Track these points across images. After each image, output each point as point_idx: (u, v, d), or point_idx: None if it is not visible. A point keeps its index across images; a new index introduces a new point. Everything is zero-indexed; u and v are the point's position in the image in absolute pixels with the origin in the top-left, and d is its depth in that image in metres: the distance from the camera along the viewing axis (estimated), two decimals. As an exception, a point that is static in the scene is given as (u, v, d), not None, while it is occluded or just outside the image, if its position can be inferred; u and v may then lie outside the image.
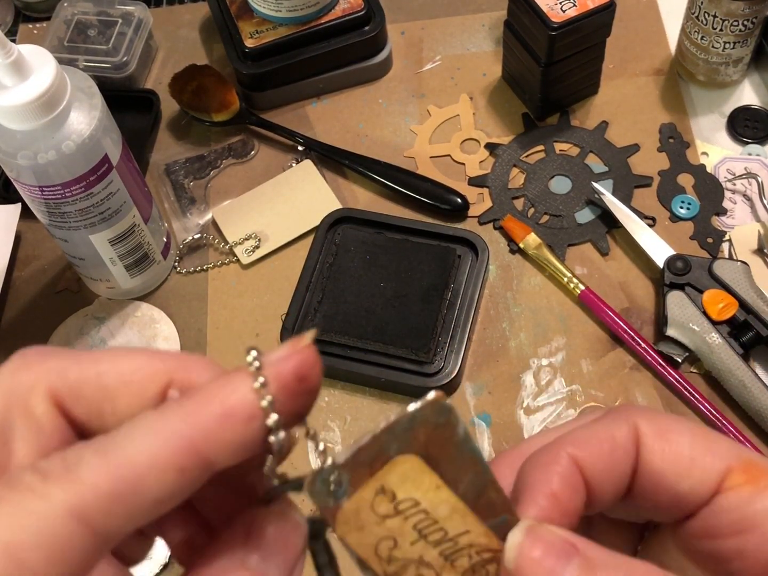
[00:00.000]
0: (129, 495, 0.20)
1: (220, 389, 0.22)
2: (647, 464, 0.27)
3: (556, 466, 0.26)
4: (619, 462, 0.27)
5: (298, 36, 0.76)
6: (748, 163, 0.73)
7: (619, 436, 0.27)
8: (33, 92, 0.53)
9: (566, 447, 0.27)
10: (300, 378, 0.26)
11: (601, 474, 0.27)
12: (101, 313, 0.70)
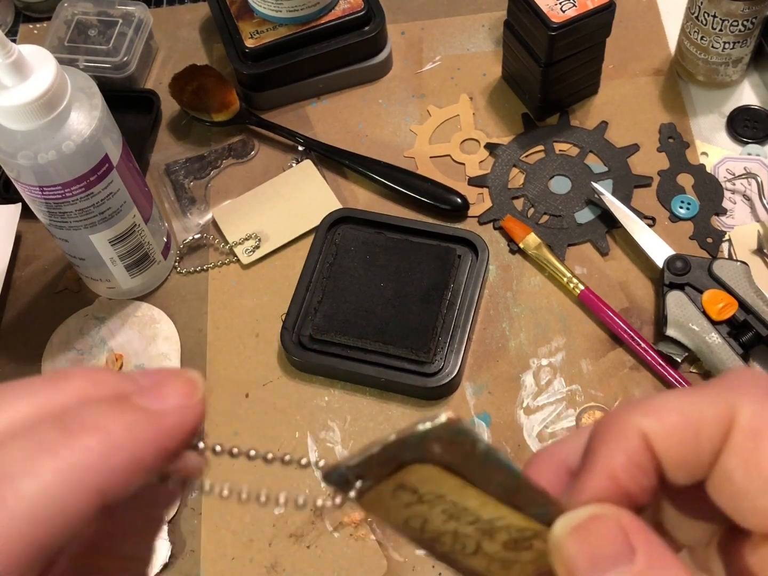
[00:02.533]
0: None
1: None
2: (727, 459, 0.22)
3: (621, 440, 0.23)
4: (701, 449, 0.23)
5: (298, 36, 0.77)
6: (748, 163, 0.73)
7: (707, 416, 0.22)
8: (33, 92, 0.53)
9: (638, 417, 0.23)
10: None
11: (675, 457, 0.23)
12: (101, 313, 0.70)
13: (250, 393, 0.66)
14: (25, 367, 0.69)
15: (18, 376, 0.73)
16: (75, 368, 0.24)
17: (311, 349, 0.65)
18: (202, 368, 0.67)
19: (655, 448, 0.23)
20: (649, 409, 0.23)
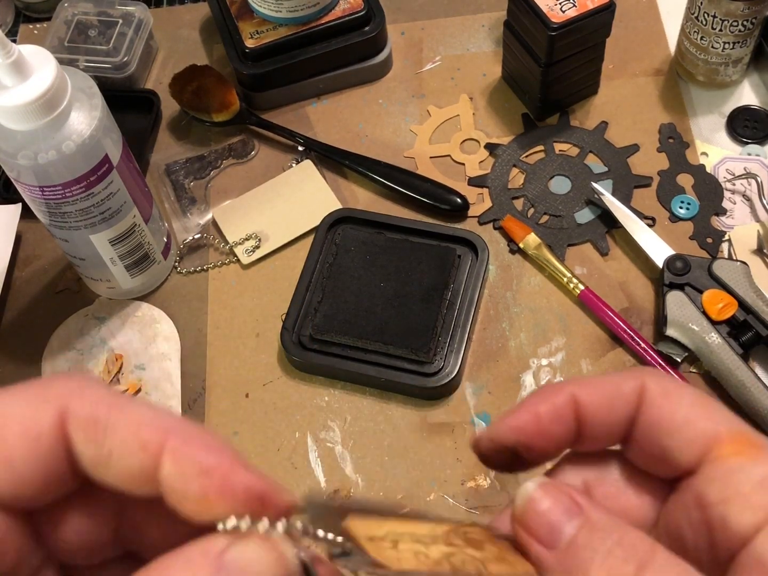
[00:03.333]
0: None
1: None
2: (645, 417, 0.28)
3: (552, 395, 0.28)
4: (618, 408, 0.28)
5: (299, 36, 0.77)
6: (748, 163, 0.73)
7: (624, 387, 0.28)
8: (33, 92, 0.53)
9: (569, 385, 0.28)
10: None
11: (597, 415, 0.28)
12: (102, 313, 0.70)
13: (250, 393, 0.66)
14: (25, 367, 0.69)
15: (18, 376, 0.73)
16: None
17: (311, 349, 0.65)
18: (202, 368, 0.67)
19: (581, 407, 0.28)
20: (579, 382, 0.28)
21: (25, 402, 0.22)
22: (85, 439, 0.22)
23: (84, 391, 0.23)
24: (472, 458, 0.62)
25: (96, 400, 0.22)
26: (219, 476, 0.22)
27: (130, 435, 0.22)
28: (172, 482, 0.22)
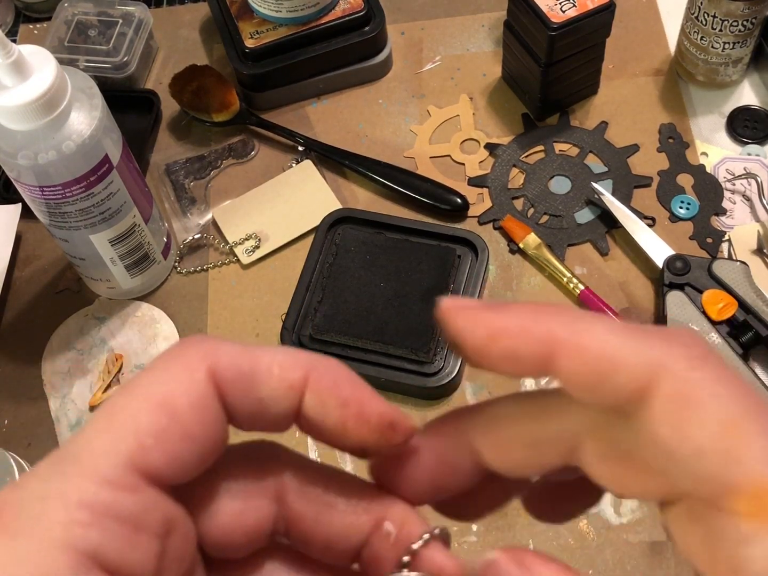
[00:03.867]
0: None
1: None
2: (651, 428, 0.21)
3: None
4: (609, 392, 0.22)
5: (299, 36, 0.77)
6: (748, 163, 0.73)
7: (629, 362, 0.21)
8: (33, 92, 0.53)
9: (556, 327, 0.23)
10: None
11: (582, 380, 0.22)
12: (102, 313, 0.70)
13: (250, 393, 0.66)
14: (25, 367, 0.69)
15: (18, 376, 0.73)
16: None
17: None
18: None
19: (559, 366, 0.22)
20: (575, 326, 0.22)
21: (178, 374, 0.22)
22: (239, 394, 0.23)
23: (220, 349, 0.23)
24: (472, 458, 0.62)
25: (235, 354, 0.23)
26: (355, 406, 0.23)
27: (277, 379, 0.23)
28: (314, 414, 0.23)
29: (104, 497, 0.21)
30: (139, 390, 0.22)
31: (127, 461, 0.21)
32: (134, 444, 0.21)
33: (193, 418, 0.22)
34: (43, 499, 0.20)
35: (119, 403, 0.22)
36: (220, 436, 0.23)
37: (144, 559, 0.21)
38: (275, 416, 0.23)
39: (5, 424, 0.67)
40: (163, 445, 0.21)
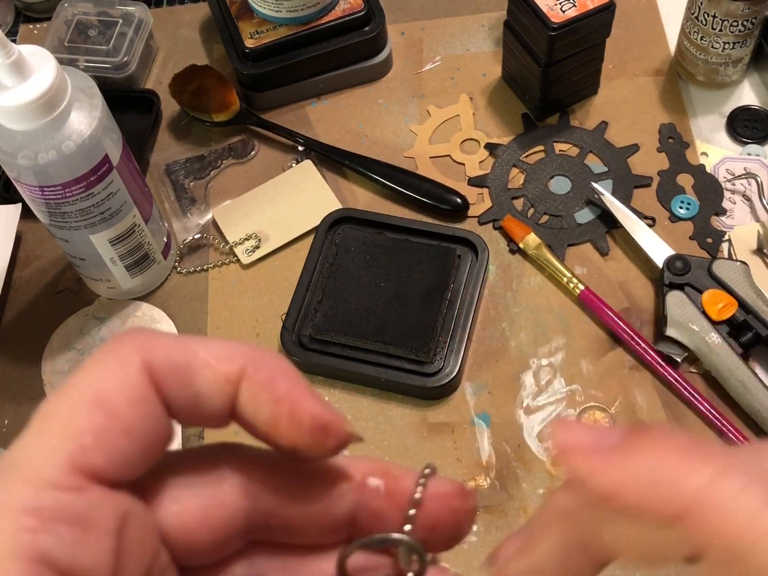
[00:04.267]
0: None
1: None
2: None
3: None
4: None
5: (298, 36, 0.77)
6: (748, 163, 0.73)
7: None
8: (33, 92, 0.53)
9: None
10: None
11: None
12: (102, 313, 0.70)
13: (250, 393, 0.66)
14: (25, 367, 0.69)
15: (18, 376, 0.73)
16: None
17: (311, 349, 0.65)
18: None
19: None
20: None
21: (110, 369, 0.22)
22: (175, 387, 0.22)
23: (155, 341, 0.22)
24: (472, 458, 0.63)
25: (170, 347, 0.22)
26: (288, 404, 0.22)
27: (213, 372, 0.22)
28: (247, 409, 0.23)
29: (48, 501, 0.20)
30: (73, 389, 0.22)
31: (67, 463, 0.21)
32: (72, 445, 0.21)
33: (130, 414, 0.22)
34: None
35: (54, 405, 0.22)
36: (161, 429, 0.22)
37: (98, 557, 0.20)
38: (212, 410, 0.23)
39: (5, 424, 0.67)
40: (102, 443, 0.21)
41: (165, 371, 0.22)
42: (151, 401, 0.22)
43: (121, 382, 0.22)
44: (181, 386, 0.22)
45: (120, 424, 0.21)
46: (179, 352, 0.22)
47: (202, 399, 0.23)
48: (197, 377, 0.22)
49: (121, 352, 0.22)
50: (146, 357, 0.22)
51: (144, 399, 0.22)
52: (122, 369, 0.22)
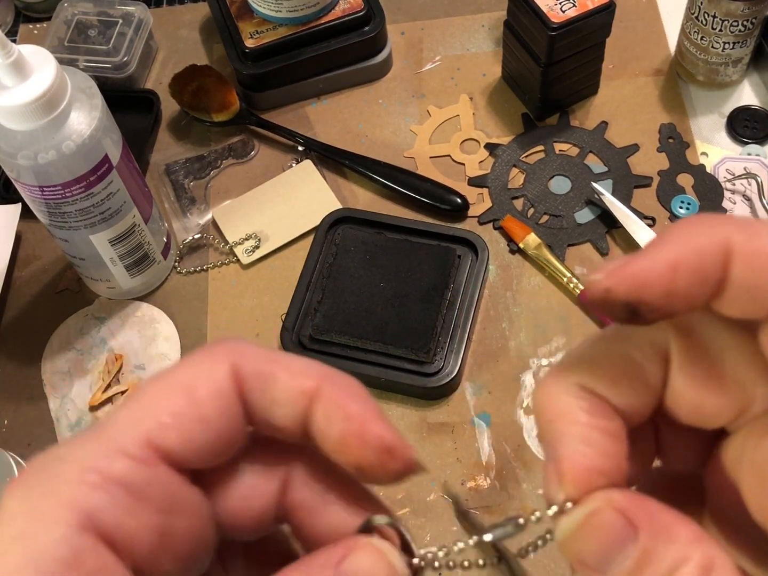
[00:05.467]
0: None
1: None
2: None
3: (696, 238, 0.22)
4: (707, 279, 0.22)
5: (298, 36, 0.77)
6: (748, 163, 0.73)
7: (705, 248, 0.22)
8: (33, 92, 0.53)
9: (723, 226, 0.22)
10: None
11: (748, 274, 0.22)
12: (101, 313, 0.70)
13: (250, 393, 0.66)
14: (25, 367, 0.69)
15: (18, 376, 0.73)
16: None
17: (311, 349, 0.65)
18: (202, 368, 0.67)
19: (734, 254, 0.22)
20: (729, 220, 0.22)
21: (202, 365, 0.24)
22: (255, 392, 0.24)
23: (246, 350, 0.24)
24: (472, 458, 0.63)
25: (258, 356, 0.24)
26: (358, 423, 0.24)
27: (291, 383, 0.24)
28: (319, 424, 0.24)
29: (115, 465, 0.22)
30: (164, 377, 0.24)
31: (143, 435, 0.23)
32: (152, 421, 0.23)
33: (210, 405, 0.23)
34: (61, 460, 0.22)
35: (147, 386, 0.24)
36: (236, 428, 0.24)
37: (141, 530, 0.22)
38: (284, 419, 0.24)
39: (5, 424, 0.67)
40: (179, 425, 0.23)
41: (249, 375, 0.24)
42: (231, 400, 0.24)
43: (208, 377, 0.24)
44: (261, 391, 0.24)
45: (199, 412, 0.23)
46: (265, 360, 0.24)
47: (277, 406, 0.24)
48: (276, 385, 0.24)
49: (214, 352, 0.24)
50: (236, 360, 0.24)
51: (225, 396, 0.24)
52: (211, 366, 0.24)
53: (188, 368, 0.24)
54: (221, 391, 0.24)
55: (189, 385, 0.23)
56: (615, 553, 0.22)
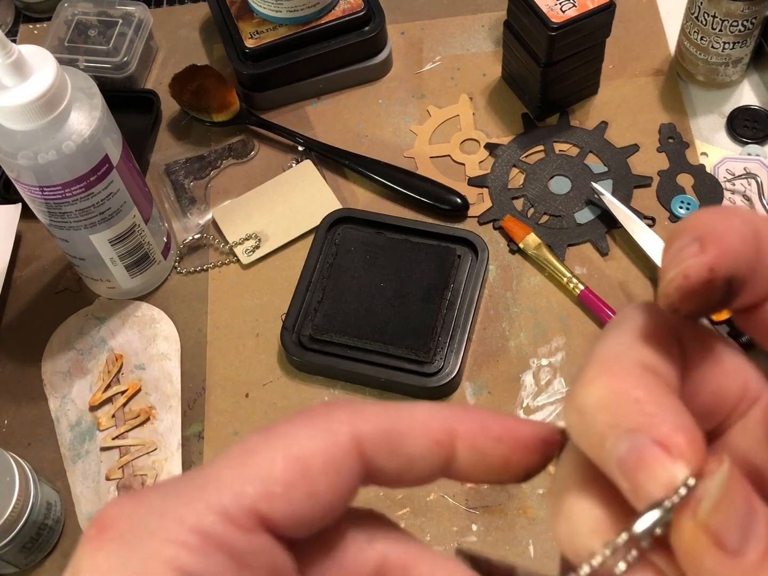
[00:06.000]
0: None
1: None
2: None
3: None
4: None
5: (298, 36, 0.77)
6: (748, 164, 0.73)
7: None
8: (33, 92, 0.53)
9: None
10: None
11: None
12: (102, 313, 0.70)
13: (250, 393, 0.66)
14: (25, 367, 0.69)
15: (18, 376, 0.73)
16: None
17: (311, 349, 0.65)
18: (202, 368, 0.67)
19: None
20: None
21: (320, 433, 0.23)
22: (387, 454, 0.23)
23: (364, 410, 0.23)
24: (472, 458, 0.62)
25: (379, 415, 0.23)
26: (510, 439, 0.24)
27: (424, 439, 0.23)
28: (472, 461, 0.24)
29: (219, 530, 0.21)
30: (279, 438, 0.23)
31: (251, 503, 0.21)
32: (262, 489, 0.22)
33: (324, 479, 0.22)
34: (161, 516, 0.21)
35: (257, 446, 0.23)
36: (345, 500, 0.23)
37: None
38: (423, 472, 0.24)
39: (5, 424, 0.67)
40: (288, 497, 0.22)
41: (375, 439, 0.23)
42: (347, 473, 0.23)
43: (325, 447, 0.22)
44: (393, 454, 0.23)
45: (311, 486, 0.22)
46: (386, 420, 0.23)
47: (413, 464, 0.24)
48: (407, 444, 0.23)
49: (333, 418, 0.23)
50: (356, 426, 0.23)
51: (341, 470, 0.23)
52: (330, 435, 0.23)
53: (304, 433, 0.23)
54: (338, 465, 0.22)
55: (304, 454, 0.22)
56: (751, 525, 0.20)
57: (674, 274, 0.21)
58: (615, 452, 0.20)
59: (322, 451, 0.22)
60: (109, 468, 0.64)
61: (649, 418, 0.20)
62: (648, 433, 0.20)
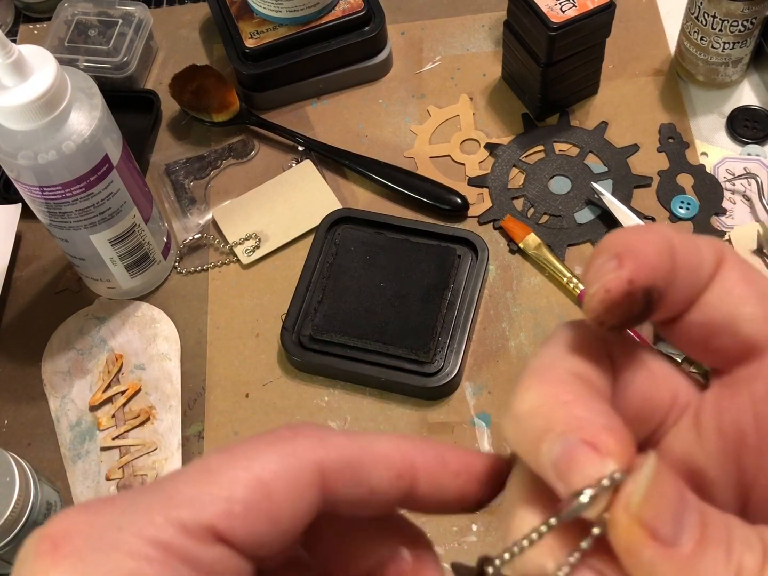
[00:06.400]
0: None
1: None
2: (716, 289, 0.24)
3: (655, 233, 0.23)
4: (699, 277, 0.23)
5: (298, 36, 0.77)
6: (748, 164, 0.73)
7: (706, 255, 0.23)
8: (33, 92, 0.53)
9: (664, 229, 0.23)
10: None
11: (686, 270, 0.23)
12: (102, 313, 0.70)
13: (250, 393, 0.66)
14: (25, 367, 0.69)
15: (18, 376, 0.73)
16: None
17: (311, 349, 0.65)
18: (202, 368, 0.67)
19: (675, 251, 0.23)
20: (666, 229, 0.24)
21: (285, 459, 0.23)
22: (348, 484, 0.24)
23: (329, 438, 0.24)
24: (472, 458, 0.62)
25: (343, 445, 0.24)
26: (465, 473, 0.25)
27: (386, 472, 0.24)
28: (430, 493, 0.25)
29: (179, 542, 0.21)
30: (242, 459, 0.23)
31: (209, 519, 0.21)
32: (223, 508, 0.22)
33: (285, 504, 0.22)
34: (119, 529, 0.21)
35: (221, 464, 0.23)
36: (301, 526, 0.23)
37: None
38: (383, 502, 0.24)
39: (5, 424, 0.67)
40: (249, 518, 0.22)
41: (338, 470, 0.23)
42: (308, 499, 0.23)
43: (289, 472, 0.23)
44: (354, 484, 0.24)
45: (272, 510, 0.22)
46: (350, 450, 0.24)
47: (376, 494, 0.24)
48: (370, 475, 0.24)
49: (298, 443, 0.23)
50: (321, 454, 0.23)
51: (302, 495, 0.23)
52: (295, 460, 0.23)
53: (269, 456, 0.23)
54: (300, 490, 0.23)
55: (268, 479, 0.22)
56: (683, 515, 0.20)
57: (596, 288, 0.22)
58: (550, 456, 0.21)
59: (286, 476, 0.23)
60: (109, 468, 0.64)
61: (579, 420, 0.21)
62: (577, 434, 0.21)
